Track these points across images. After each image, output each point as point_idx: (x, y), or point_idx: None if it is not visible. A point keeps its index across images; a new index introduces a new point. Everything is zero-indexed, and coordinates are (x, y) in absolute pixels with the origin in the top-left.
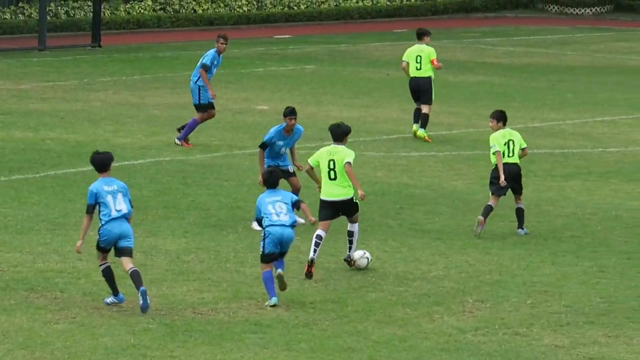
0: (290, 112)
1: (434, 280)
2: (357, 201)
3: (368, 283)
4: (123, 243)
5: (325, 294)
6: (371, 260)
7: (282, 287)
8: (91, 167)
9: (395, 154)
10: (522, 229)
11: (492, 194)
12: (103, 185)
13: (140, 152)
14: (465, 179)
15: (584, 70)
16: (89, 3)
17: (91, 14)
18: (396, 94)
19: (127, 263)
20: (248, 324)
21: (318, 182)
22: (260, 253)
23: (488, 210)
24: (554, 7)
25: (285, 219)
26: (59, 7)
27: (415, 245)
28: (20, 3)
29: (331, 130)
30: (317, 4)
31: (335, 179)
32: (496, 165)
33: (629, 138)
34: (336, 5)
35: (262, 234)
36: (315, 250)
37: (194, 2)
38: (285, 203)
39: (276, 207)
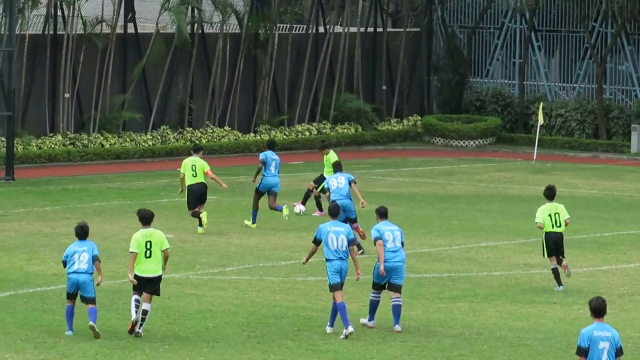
0: None
1: None
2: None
3: None
4: None
5: None
6: None
7: None
8: None
9: (292, 278)
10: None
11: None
12: None
13: (52, 278)
14: (359, 302)
15: (469, 199)
16: (2, 139)
17: (4, 148)
18: (293, 223)
19: None
20: None
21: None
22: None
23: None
24: (439, 140)
25: None
26: None
27: None
28: None
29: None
30: (217, 138)
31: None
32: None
33: (511, 262)
34: (235, 139)
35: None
36: (136, 312)
37: (102, 137)
38: None
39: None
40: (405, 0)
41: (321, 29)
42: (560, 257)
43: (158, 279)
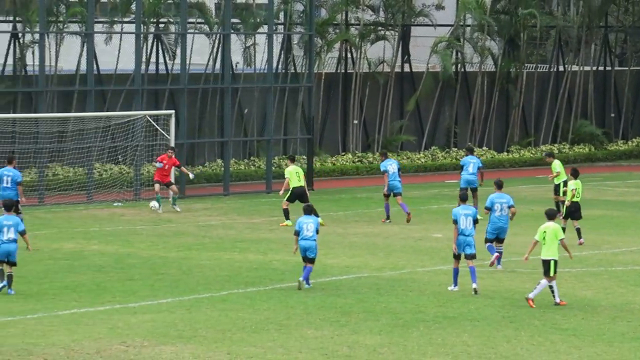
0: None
1: None
2: None
3: None
4: None
5: None
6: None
7: None
8: None
9: (538, 270)
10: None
11: None
12: None
13: (344, 269)
14: (592, 289)
15: None
16: (304, 157)
17: (306, 165)
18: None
19: None
20: None
21: None
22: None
23: None
24: None
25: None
26: (281, 160)
27: (555, 340)
28: (252, 157)
29: None
30: (477, 156)
31: None
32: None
33: None
34: (492, 157)
35: None
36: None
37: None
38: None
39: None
40: (630, 44)
41: (561, 68)
42: None
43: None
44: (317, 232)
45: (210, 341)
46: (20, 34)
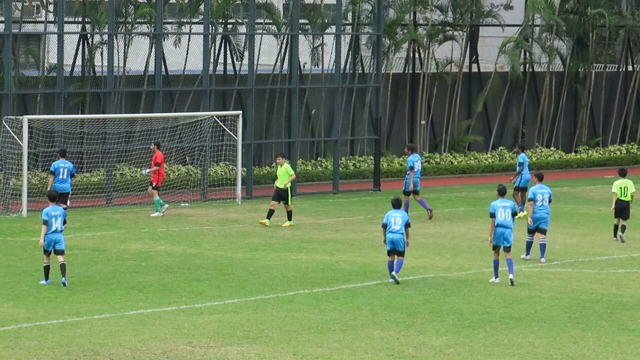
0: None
1: None
2: None
3: None
4: None
5: None
6: None
7: None
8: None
9: (606, 270)
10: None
11: None
12: None
13: (411, 270)
14: None
15: None
16: (371, 157)
17: (372, 165)
18: (606, 225)
19: None
20: None
21: None
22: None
23: None
24: None
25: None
26: (348, 161)
27: (622, 341)
28: (319, 157)
29: None
30: (545, 156)
31: None
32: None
33: None
34: (560, 157)
35: None
36: None
37: (451, 156)
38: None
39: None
40: None
41: (630, 68)
42: None
43: None
44: (408, 225)
45: (276, 342)
46: (89, 35)
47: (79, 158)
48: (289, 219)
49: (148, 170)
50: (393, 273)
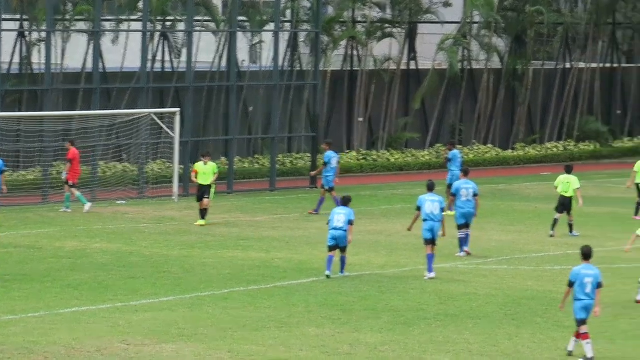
0: None
1: None
2: None
3: None
4: None
5: None
6: None
7: None
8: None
9: (541, 267)
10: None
11: None
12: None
13: (346, 267)
14: None
15: None
16: (308, 154)
17: (310, 162)
18: (542, 222)
19: None
20: None
21: None
22: None
23: None
24: None
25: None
26: (285, 158)
27: (557, 338)
28: (256, 155)
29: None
30: (482, 153)
31: None
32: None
33: None
34: (497, 154)
35: None
36: None
37: (388, 153)
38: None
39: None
40: (637, 41)
41: (567, 65)
42: None
43: None
44: (350, 223)
45: (211, 339)
46: (26, 33)
47: (15, 156)
48: (203, 217)
49: (65, 173)
50: (340, 274)
